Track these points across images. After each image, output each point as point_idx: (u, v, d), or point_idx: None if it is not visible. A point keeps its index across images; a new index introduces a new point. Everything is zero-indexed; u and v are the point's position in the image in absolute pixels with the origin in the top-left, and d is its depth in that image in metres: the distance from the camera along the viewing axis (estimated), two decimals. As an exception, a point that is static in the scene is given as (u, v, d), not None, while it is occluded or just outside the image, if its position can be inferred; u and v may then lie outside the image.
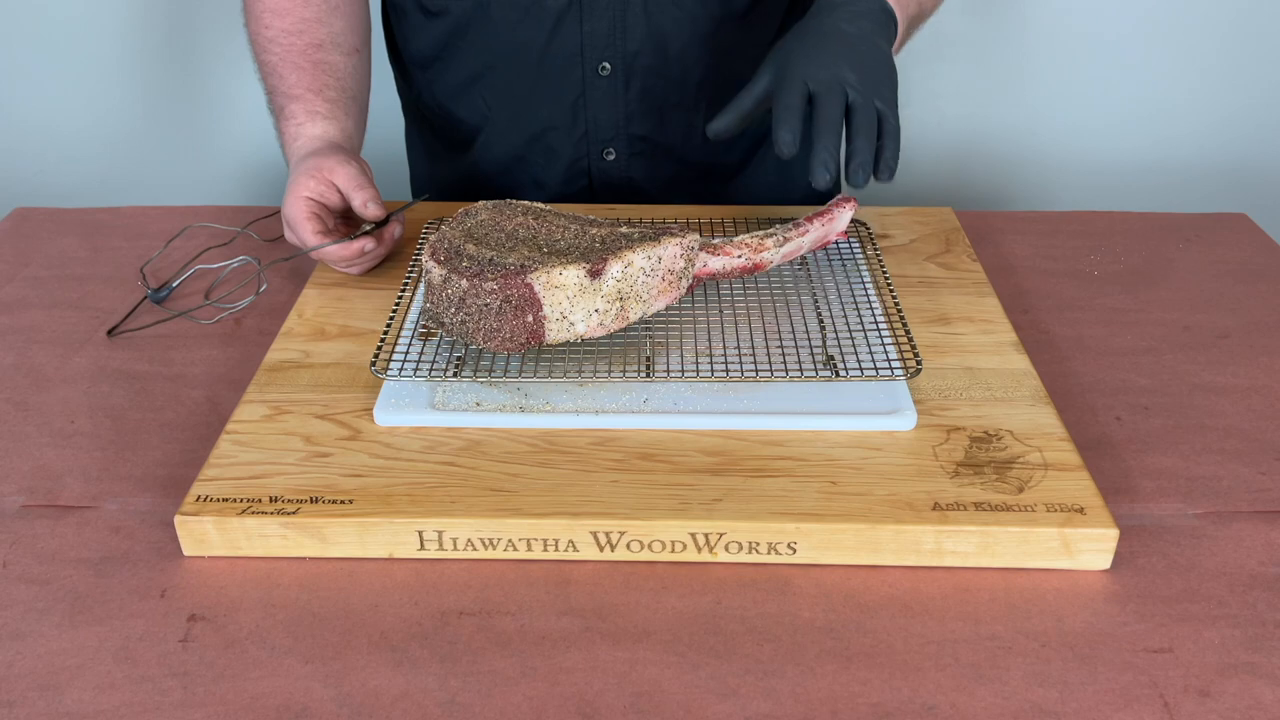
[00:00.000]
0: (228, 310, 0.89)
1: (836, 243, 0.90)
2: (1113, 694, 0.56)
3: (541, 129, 1.04)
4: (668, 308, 0.78)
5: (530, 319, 0.71)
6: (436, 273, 0.73)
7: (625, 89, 1.02)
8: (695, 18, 1.00)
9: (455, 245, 0.75)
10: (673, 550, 0.64)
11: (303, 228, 0.85)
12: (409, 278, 0.85)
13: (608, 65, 1.00)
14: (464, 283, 0.71)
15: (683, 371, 0.74)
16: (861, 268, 0.87)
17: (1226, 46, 1.45)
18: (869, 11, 0.83)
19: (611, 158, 1.05)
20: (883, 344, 0.77)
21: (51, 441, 0.75)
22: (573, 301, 0.72)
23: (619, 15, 0.98)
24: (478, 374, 0.74)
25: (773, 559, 0.64)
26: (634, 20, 0.98)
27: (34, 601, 0.62)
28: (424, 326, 0.78)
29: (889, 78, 0.80)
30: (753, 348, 0.77)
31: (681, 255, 0.76)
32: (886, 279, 0.85)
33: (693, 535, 0.64)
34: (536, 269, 0.71)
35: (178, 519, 0.64)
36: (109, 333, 0.87)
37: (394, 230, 0.90)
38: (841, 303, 0.83)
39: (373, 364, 0.74)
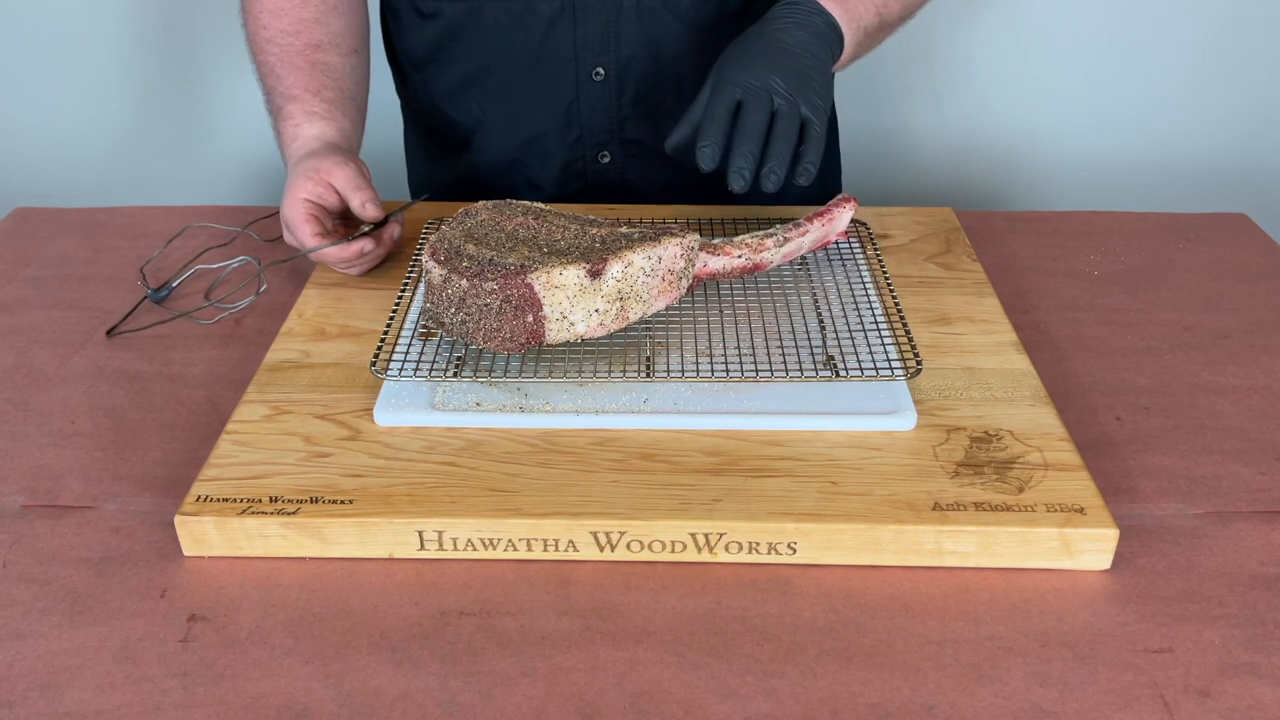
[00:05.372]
0: (228, 310, 0.89)
1: (836, 243, 0.90)
2: (1113, 694, 0.56)
3: (535, 132, 1.04)
4: (668, 308, 0.78)
5: (530, 319, 0.71)
6: (436, 273, 0.73)
7: (619, 93, 1.02)
8: (689, 22, 1.00)
9: (455, 245, 0.75)
10: (673, 550, 0.64)
11: (301, 230, 0.85)
12: (409, 278, 0.85)
13: (601, 70, 1.00)
14: (464, 283, 0.71)
15: (683, 371, 0.74)
16: (861, 268, 0.87)
17: (1226, 46, 1.45)
18: (810, 24, 0.86)
19: (607, 160, 1.05)
20: (883, 344, 0.77)
21: (51, 441, 0.75)
22: (573, 301, 0.72)
23: (612, 20, 0.98)
24: (478, 374, 0.74)
25: (773, 559, 0.64)
26: (627, 25, 0.98)
27: (34, 601, 0.62)
28: (424, 326, 0.78)
29: (821, 85, 0.83)
30: (753, 348, 0.77)
31: (681, 255, 0.76)
32: (886, 279, 0.85)
33: (693, 535, 0.64)
34: (536, 269, 0.71)
35: (178, 519, 0.64)
36: (109, 333, 0.86)
37: (393, 231, 0.90)
38: (841, 303, 0.83)
39: (373, 364, 0.74)
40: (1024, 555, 0.64)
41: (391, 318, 0.80)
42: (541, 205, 0.81)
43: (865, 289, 0.84)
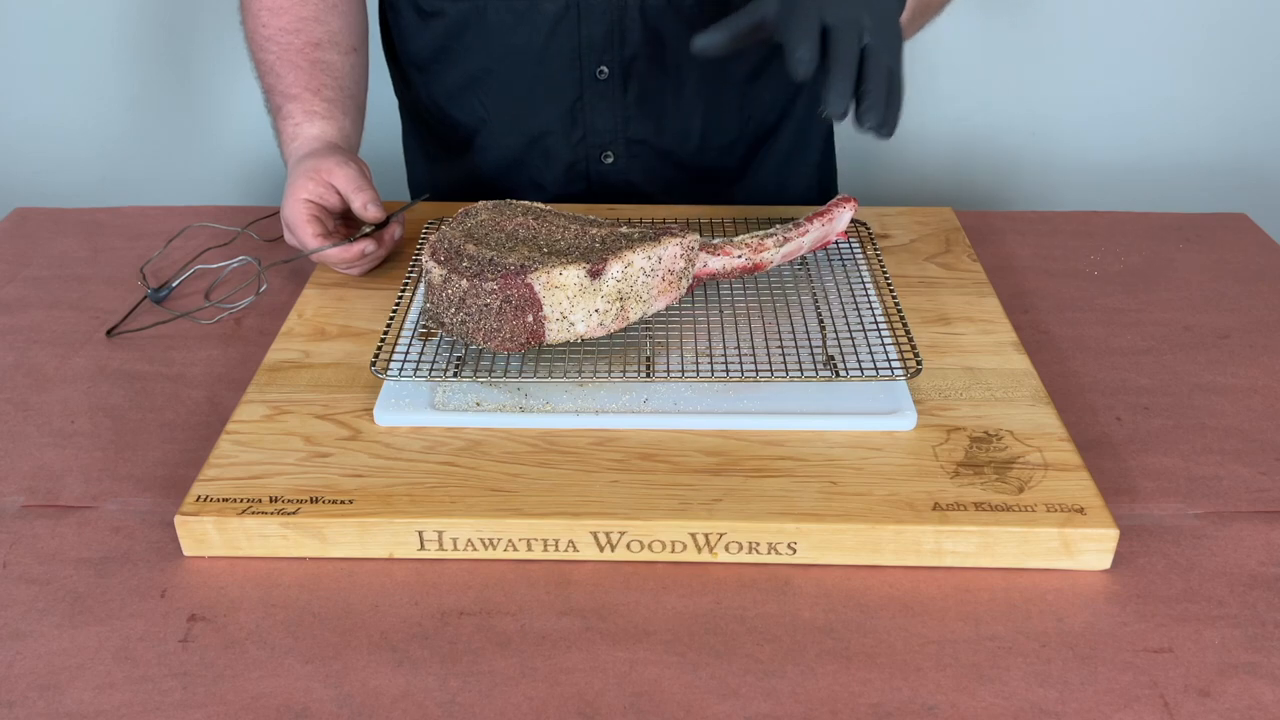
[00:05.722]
0: (228, 310, 0.89)
1: (836, 243, 0.90)
2: (1113, 694, 0.56)
3: (539, 132, 1.04)
4: (668, 308, 0.78)
5: (530, 319, 0.71)
6: (436, 273, 0.73)
7: (623, 92, 1.01)
8: (693, 20, 0.99)
9: (455, 245, 0.75)
10: (673, 550, 0.64)
11: (302, 230, 0.85)
12: (409, 278, 0.85)
13: (605, 69, 1.00)
14: (464, 283, 0.71)
15: (683, 371, 0.74)
16: (861, 268, 0.87)
17: (1226, 46, 1.45)
18: None
19: (610, 161, 1.05)
20: (883, 344, 0.77)
21: (51, 441, 0.75)
22: (573, 301, 0.72)
23: (616, 19, 0.98)
24: (478, 374, 0.74)
25: (773, 559, 0.64)
26: (631, 24, 0.98)
27: (34, 601, 0.62)
28: (424, 326, 0.78)
29: (899, 36, 0.74)
30: (753, 348, 0.77)
31: (681, 255, 0.76)
32: (886, 279, 0.85)
33: (693, 535, 0.64)
34: (536, 269, 0.71)
35: (178, 519, 0.64)
36: (109, 333, 0.86)
37: (394, 231, 0.90)
38: (841, 303, 0.83)
39: (373, 364, 0.74)
40: (1024, 555, 0.64)
41: (391, 318, 0.80)
42: (541, 205, 0.81)
43: (865, 289, 0.84)
